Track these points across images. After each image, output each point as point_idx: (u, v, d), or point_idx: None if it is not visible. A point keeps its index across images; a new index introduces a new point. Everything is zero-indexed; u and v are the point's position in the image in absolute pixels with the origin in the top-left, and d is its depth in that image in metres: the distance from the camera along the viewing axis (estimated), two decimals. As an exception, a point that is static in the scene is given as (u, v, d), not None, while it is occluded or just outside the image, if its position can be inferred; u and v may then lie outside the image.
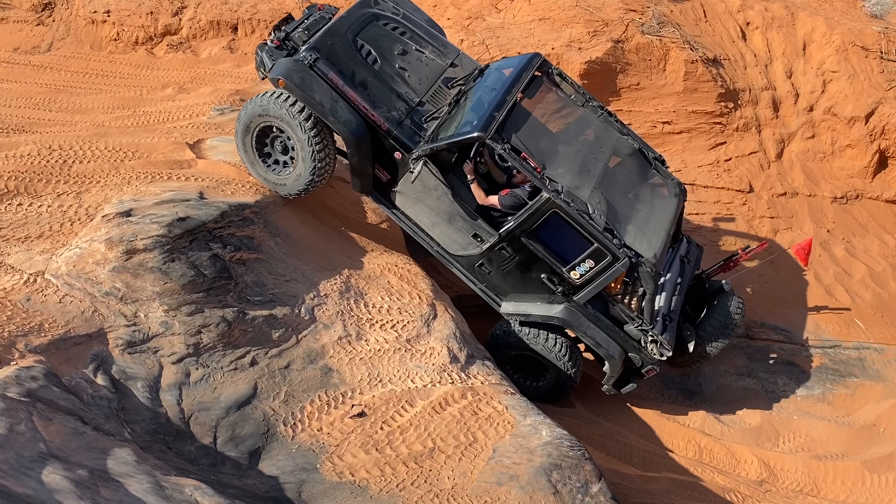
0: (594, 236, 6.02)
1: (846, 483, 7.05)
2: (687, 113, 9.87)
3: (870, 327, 8.94)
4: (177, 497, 3.72)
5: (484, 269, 6.54)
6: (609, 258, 6.07)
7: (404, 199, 6.49)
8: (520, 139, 6.16)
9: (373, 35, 6.62)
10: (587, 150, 6.61)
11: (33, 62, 8.84)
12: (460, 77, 6.82)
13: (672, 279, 6.79)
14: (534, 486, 4.64)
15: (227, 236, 5.72)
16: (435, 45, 6.98)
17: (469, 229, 6.39)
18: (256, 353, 5.19)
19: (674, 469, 6.76)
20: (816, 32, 10.54)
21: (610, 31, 9.69)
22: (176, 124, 7.69)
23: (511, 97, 6.23)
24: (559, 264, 6.25)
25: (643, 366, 6.62)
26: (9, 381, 3.92)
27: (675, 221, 6.87)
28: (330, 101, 6.08)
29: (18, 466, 3.38)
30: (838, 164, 10.31)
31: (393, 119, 6.26)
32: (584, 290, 6.28)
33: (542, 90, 6.76)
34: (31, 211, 5.64)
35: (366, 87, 6.29)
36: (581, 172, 6.36)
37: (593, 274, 6.18)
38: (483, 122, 5.99)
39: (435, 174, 6.25)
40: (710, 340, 7.06)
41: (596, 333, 6.45)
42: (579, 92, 7.02)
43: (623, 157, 6.89)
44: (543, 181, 6.01)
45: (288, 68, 6.09)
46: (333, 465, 4.67)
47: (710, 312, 7.18)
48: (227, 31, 9.68)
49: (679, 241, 7.23)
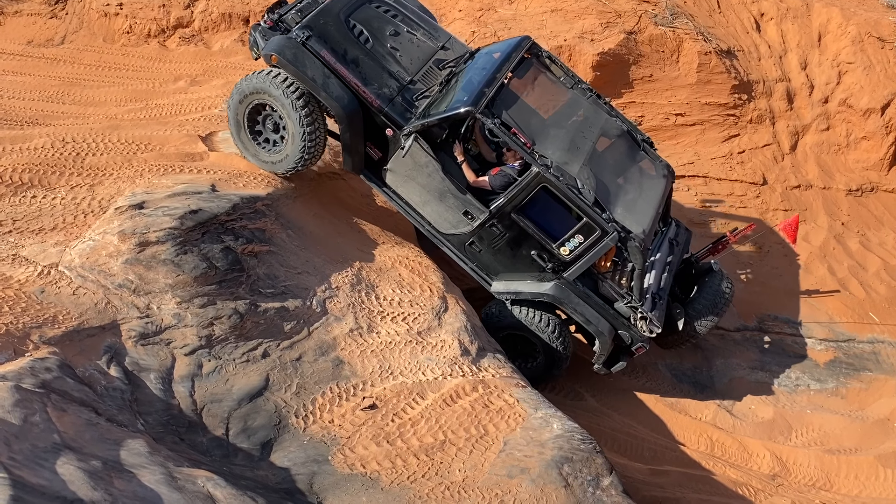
0: (583, 210, 6.11)
1: (859, 478, 7.01)
2: (700, 105, 9.81)
3: (884, 321, 8.87)
4: (189, 488, 3.74)
5: (475, 248, 6.60)
6: (598, 233, 6.16)
7: (395, 177, 6.55)
8: (510, 116, 6.26)
9: (365, 16, 6.75)
10: (576, 130, 6.70)
11: (47, 55, 8.88)
12: (451, 59, 6.94)
13: (661, 259, 6.87)
14: (545, 479, 4.64)
15: (239, 229, 5.73)
16: (426, 28, 7.12)
17: (460, 206, 6.43)
18: (268, 345, 5.20)
19: (685, 463, 6.75)
20: (832, 23, 10.43)
21: (623, 22, 9.62)
22: (188, 117, 7.71)
23: (501, 75, 6.34)
24: (549, 240, 6.32)
25: (633, 343, 6.67)
26: (23, 372, 3.95)
27: (663, 201, 6.96)
28: (322, 76, 6.18)
29: (33, 457, 3.40)
30: (853, 157, 10.21)
31: (384, 96, 6.35)
32: (574, 266, 6.35)
33: (532, 72, 6.87)
34: (44, 203, 5.68)
35: (357, 65, 6.38)
36: (570, 150, 6.44)
37: (583, 249, 6.26)
38: (473, 97, 6.09)
39: (426, 150, 6.30)
40: (700, 319, 7.13)
41: (586, 310, 6.51)
42: (568, 74, 7.14)
43: (612, 138, 6.98)
44: (533, 156, 6.11)
45: (281, 45, 6.21)
46: (345, 457, 4.68)
47: (699, 292, 7.26)
48: (239, 24, 9.68)
49: (668, 225, 7.31)
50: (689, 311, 7.11)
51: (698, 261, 7.50)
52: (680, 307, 7.08)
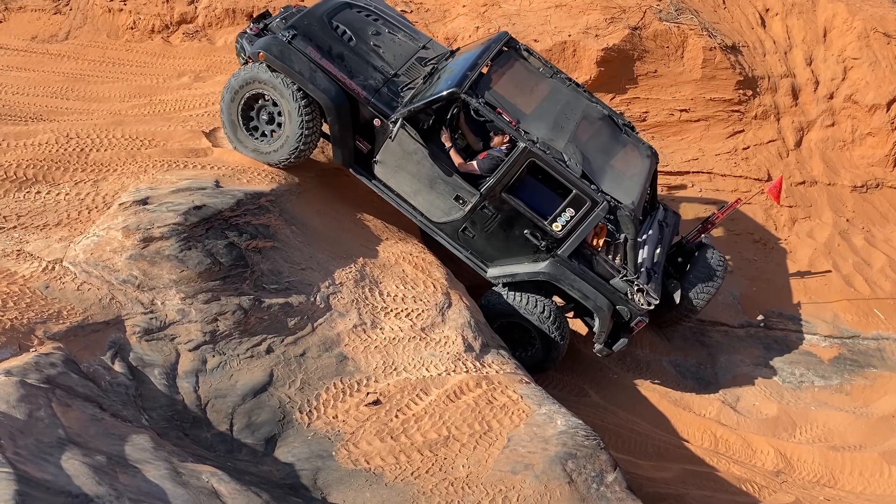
0: (572, 182, 6.26)
1: (864, 474, 7.00)
2: (705, 101, 9.78)
3: (889, 317, 8.85)
4: (194, 483, 3.74)
5: (468, 234, 6.67)
6: (588, 204, 6.29)
7: (385, 168, 6.66)
8: (493, 97, 6.43)
9: (347, 18, 6.99)
10: (559, 112, 6.86)
11: (51, 51, 8.89)
12: (433, 56, 7.18)
13: (653, 237, 7.02)
14: (549, 475, 4.64)
15: (243, 224, 5.73)
16: (406, 31, 7.38)
17: (451, 192, 6.53)
18: (272, 340, 5.21)
19: (689, 459, 6.74)
20: (837, 18, 10.39)
21: (627, 17, 9.59)
22: (192, 112, 7.71)
23: (482, 62, 6.56)
24: (540, 218, 6.43)
25: (632, 318, 6.72)
26: (28, 367, 3.95)
27: (649, 179, 7.09)
28: (309, 70, 6.37)
29: (38, 452, 3.41)
30: (858, 153, 10.18)
31: (370, 87, 6.53)
32: (568, 242, 6.45)
33: (511, 62, 7.06)
34: (49, 199, 5.68)
35: (343, 59, 6.59)
36: (555, 129, 6.61)
37: (575, 223, 6.37)
38: (458, 79, 6.29)
39: (414, 136, 6.44)
40: (696, 291, 7.22)
41: (582, 286, 6.59)
42: (547, 65, 7.33)
43: (593, 121, 7.11)
44: (519, 132, 6.26)
45: (267, 43, 6.43)
46: (349, 453, 4.69)
47: (692, 266, 7.38)
48: (243, 20, 9.67)
49: (656, 208, 7.46)
50: (683, 285, 7.21)
51: (689, 242, 7.64)
52: (675, 281, 7.21)
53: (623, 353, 7.64)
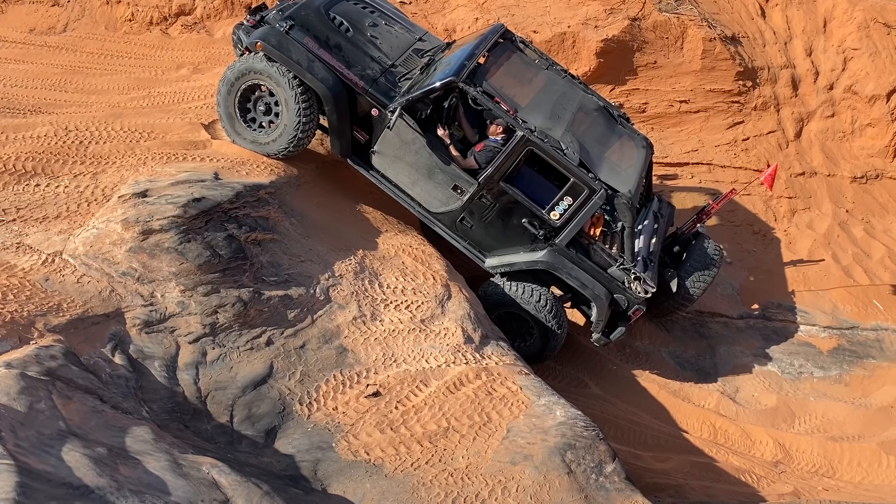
0: (570, 170, 6.31)
1: (862, 465, 7.02)
2: (704, 92, 9.76)
3: (888, 308, 8.86)
4: (194, 475, 3.76)
5: (466, 224, 6.69)
6: (586, 192, 6.34)
7: (383, 158, 6.67)
8: (491, 86, 6.47)
9: (344, 10, 7.01)
10: (555, 102, 6.91)
11: (49, 43, 8.85)
12: (429, 48, 7.22)
13: (649, 227, 7.05)
14: (548, 466, 4.66)
15: (242, 217, 5.73)
16: (403, 23, 7.40)
17: (449, 181, 6.54)
18: (272, 332, 5.22)
19: (688, 450, 6.76)
20: (838, 9, 10.35)
21: (627, 8, 9.56)
22: (191, 105, 7.69)
23: (479, 52, 6.59)
24: (538, 207, 6.47)
25: (629, 307, 6.75)
26: (29, 360, 3.97)
27: (644, 168, 7.14)
28: (307, 60, 6.38)
29: (39, 444, 3.42)
30: (858, 144, 10.16)
31: (368, 77, 6.55)
32: (565, 231, 6.49)
33: (507, 54, 7.10)
34: (48, 192, 5.68)
35: (340, 50, 6.60)
36: (552, 118, 6.66)
37: (573, 211, 6.42)
38: (455, 69, 6.32)
39: (412, 126, 6.45)
40: (693, 280, 7.27)
41: (580, 275, 6.63)
42: (542, 57, 7.38)
43: (589, 112, 7.16)
44: (517, 121, 6.30)
45: (265, 33, 6.44)
46: (349, 444, 4.70)
47: (689, 256, 7.43)
48: (242, 11, 9.63)
49: (651, 200, 7.48)
50: (680, 274, 7.25)
51: (684, 232, 7.68)
52: (671, 270, 7.26)
53: (622, 344, 7.66)
